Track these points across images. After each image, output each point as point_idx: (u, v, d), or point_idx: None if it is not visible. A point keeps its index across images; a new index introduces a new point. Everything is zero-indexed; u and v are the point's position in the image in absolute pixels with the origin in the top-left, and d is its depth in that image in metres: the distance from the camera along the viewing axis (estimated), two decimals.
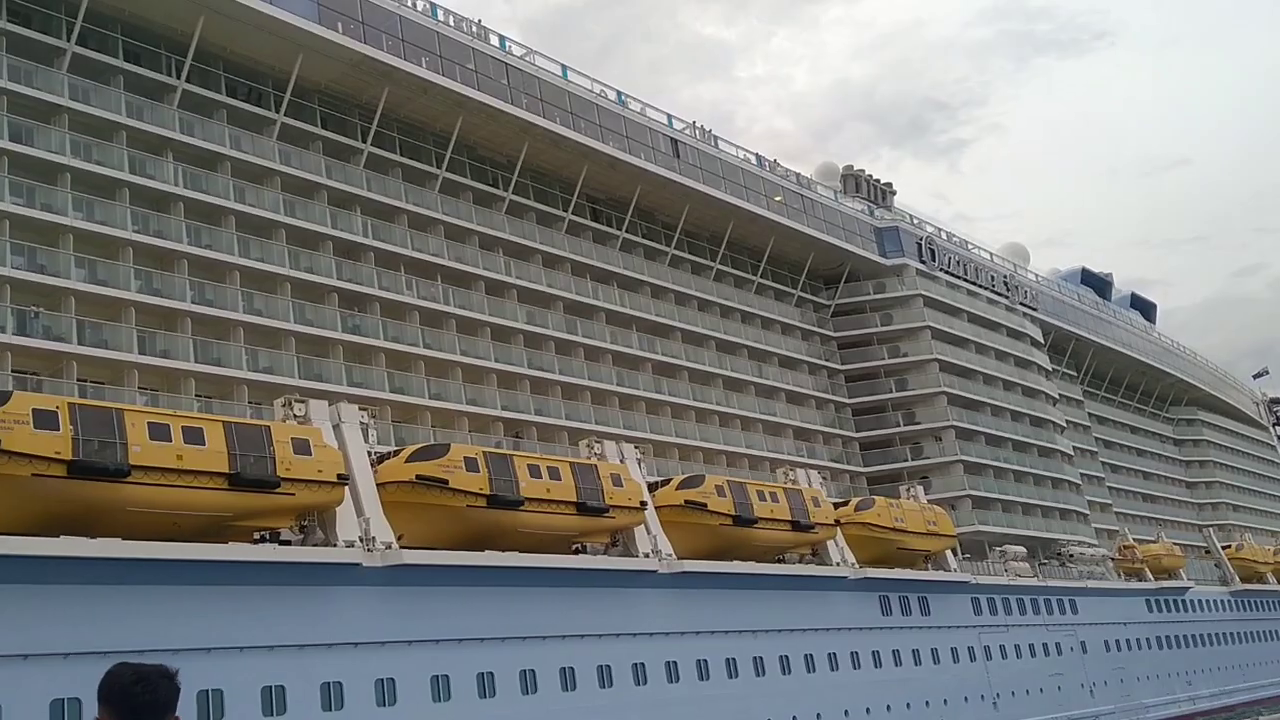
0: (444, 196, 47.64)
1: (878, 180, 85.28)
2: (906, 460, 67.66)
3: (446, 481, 35.03)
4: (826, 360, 67.98)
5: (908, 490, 60.84)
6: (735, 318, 61.93)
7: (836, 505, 54.67)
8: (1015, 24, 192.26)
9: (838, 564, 51.51)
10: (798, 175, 66.62)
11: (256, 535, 31.99)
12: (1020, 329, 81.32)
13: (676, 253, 59.00)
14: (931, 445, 68.70)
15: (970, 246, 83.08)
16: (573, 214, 53.13)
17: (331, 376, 40.45)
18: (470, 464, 36.13)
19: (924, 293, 71.24)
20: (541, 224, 52.08)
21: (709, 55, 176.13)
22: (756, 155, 63.87)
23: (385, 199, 45.08)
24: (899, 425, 68.42)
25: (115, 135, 37.02)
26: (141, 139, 37.80)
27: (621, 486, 41.43)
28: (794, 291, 66.83)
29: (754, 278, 63.88)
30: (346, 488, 32.64)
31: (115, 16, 37.66)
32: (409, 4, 45.36)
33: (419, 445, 36.75)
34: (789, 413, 62.81)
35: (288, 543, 32.58)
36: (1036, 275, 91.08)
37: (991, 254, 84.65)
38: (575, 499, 39.23)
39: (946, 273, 75.23)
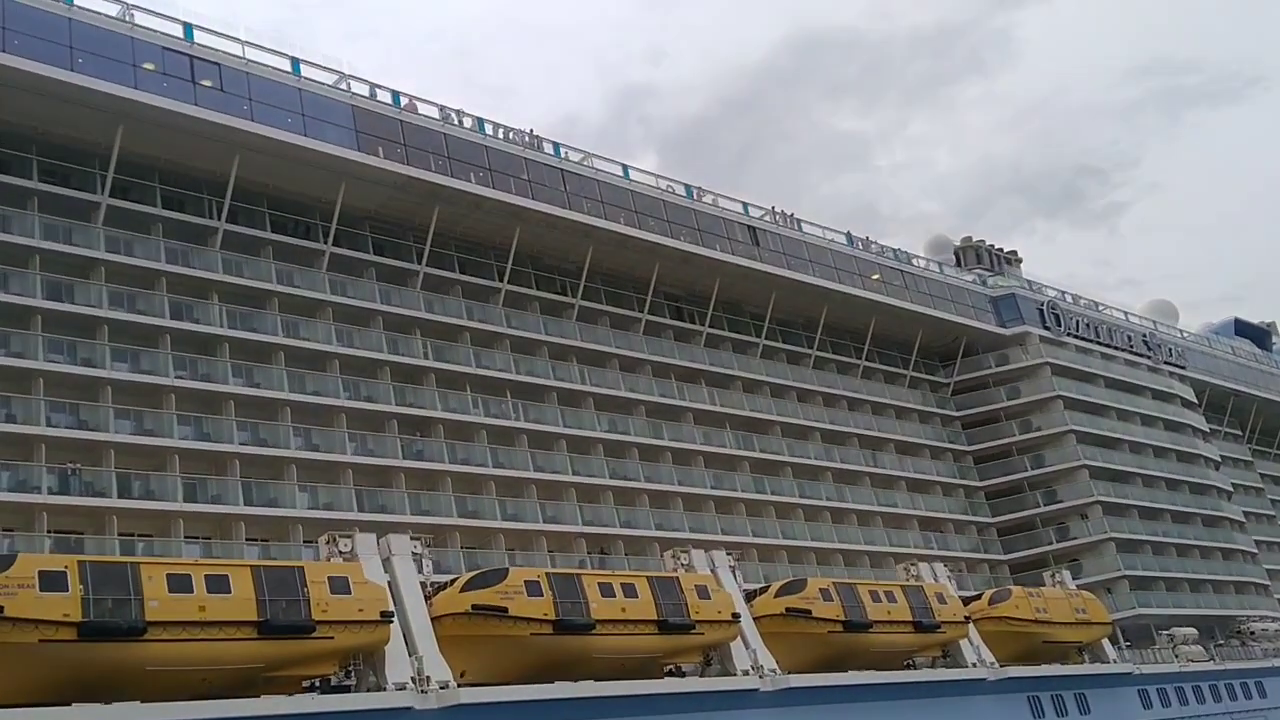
0: (510, 310, 46.27)
1: (999, 249, 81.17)
2: (1051, 543, 62.20)
3: (506, 610, 32.63)
4: (950, 442, 63.52)
5: (1052, 576, 55.61)
6: (841, 405, 58.41)
7: (968, 600, 50.10)
8: (1162, 80, 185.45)
9: (973, 664, 46.70)
10: (895, 251, 63.25)
11: (305, 684, 30.07)
12: (1168, 390, 75.08)
13: (769, 343, 56.16)
14: (1078, 524, 63.03)
15: (1102, 308, 77.67)
16: (649, 314, 51.06)
17: (395, 507, 38.82)
18: (532, 588, 33.60)
19: (1050, 360, 66.33)
20: (616, 328, 50.12)
21: (847, 148, 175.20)
22: (847, 234, 60.92)
23: (446, 318, 43.94)
24: (1039, 506, 63.04)
25: (156, 283, 36.83)
26: (184, 284, 37.56)
27: (709, 599, 38.24)
28: (905, 372, 62.94)
29: (859, 361, 60.38)
30: (392, 625, 30.56)
31: (151, 165, 37.77)
32: (455, 122, 44.62)
33: (476, 572, 34.44)
34: (912, 502, 58.53)
35: (345, 688, 30.62)
36: (1182, 331, 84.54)
37: (1126, 314, 78.83)
38: (655, 617, 36.21)
39: (1075, 337, 70.09)
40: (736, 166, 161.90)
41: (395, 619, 30.52)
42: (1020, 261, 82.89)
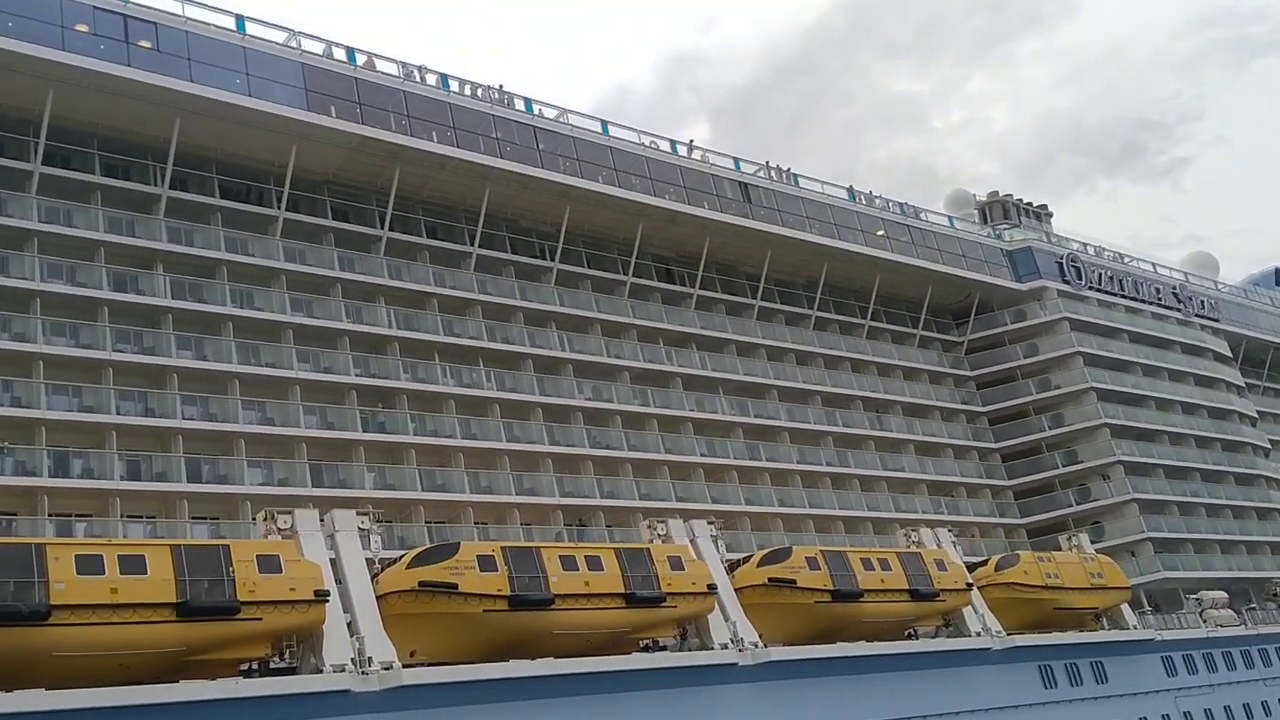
0: (483, 275, 44.50)
1: (1028, 203, 78.05)
2: (1071, 505, 59.54)
3: (456, 586, 30.98)
4: (964, 403, 61.03)
5: (1069, 539, 53.08)
6: (844, 367, 56.10)
7: (975, 566, 47.84)
8: (1227, 30, 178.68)
9: (978, 633, 44.42)
10: (902, 205, 60.56)
11: (242, 668, 28.67)
12: (1199, 343, 71.84)
13: (765, 304, 53.95)
14: (1099, 486, 60.32)
15: (1129, 260, 74.41)
16: (635, 276, 49.06)
17: (355, 482, 37.31)
18: (485, 563, 31.79)
19: (1069, 315, 63.45)
20: (599, 291, 48.23)
21: (903, 109, 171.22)
22: (849, 189, 58.39)
23: (412, 285, 42.27)
24: (1058, 467, 60.35)
25: (95, 254, 35.58)
26: (126, 254, 36.25)
27: (683, 570, 36.36)
28: (915, 331, 60.45)
29: (863, 321, 57.96)
30: (330, 605, 28.88)
31: (89, 131, 36.36)
32: (417, 79, 42.77)
33: (425, 547, 32.90)
34: (920, 466, 56.21)
35: (289, 671, 29.20)
36: (1216, 283, 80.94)
37: (1155, 266, 75.43)
38: (622, 590, 34.39)
39: (1097, 290, 67.08)
40: (790, 133, 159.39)
41: (331, 598, 28.85)
42: (1051, 216, 79.74)
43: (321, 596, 28.64)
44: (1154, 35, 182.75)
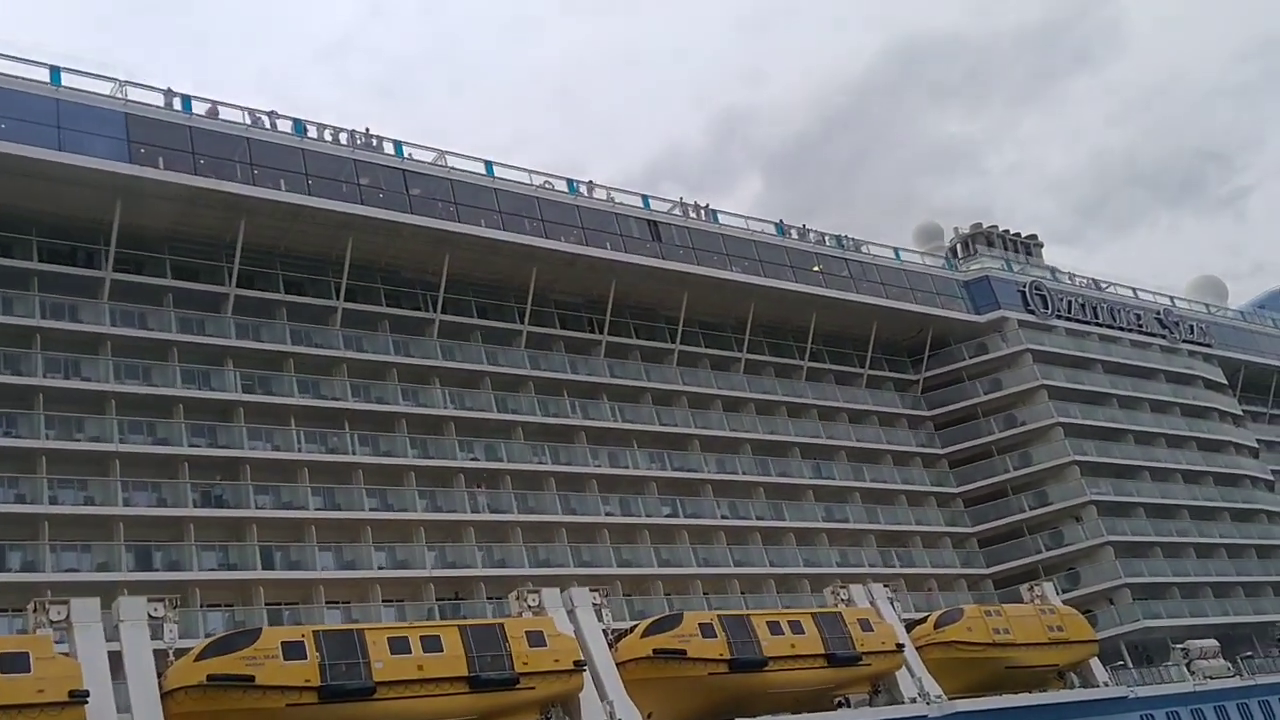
0: (353, 331, 41.40)
1: (1015, 234, 74.31)
2: (1041, 552, 54.87)
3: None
4: (921, 446, 56.77)
5: (1030, 589, 48.53)
6: (780, 413, 52.26)
7: (913, 624, 43.53)
8: (1278, 58, 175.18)
9: (912, 699, 40.00)
10: (841, 238, 56.88)
11: None
12: (1186, 371, 67.15)
13: (687, 348, 50.31)
14: (1072, 529, 55.62)
15: (1105, 286, 70.04)
16: (531, 325, 45.70)
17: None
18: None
19: (1032, 346, 59.25)
20: (494, 342, 44.93)
21: (956, 153, 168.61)
22: (778, 223, 54.87)
23: (264, 345, 39.29)
24: (1025, 510, 55.82)
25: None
26: None
27: (545, 646, 32.55)
28: (862, 371, 56.46)
29: (801, 362, 54.12)
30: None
31: None
32: (266, 125, 40.02)
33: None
34: (870, 515, 51.97)
35: None
36: (1208, 306, 76.18)
37: (1136, 290, 70.91)
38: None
39: (1066, 319, 62.79)
40: (843, 182, 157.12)
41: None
42: (1041, 246, 75.88)
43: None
44: (1207, 66, 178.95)
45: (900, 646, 40.43)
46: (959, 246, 69.19)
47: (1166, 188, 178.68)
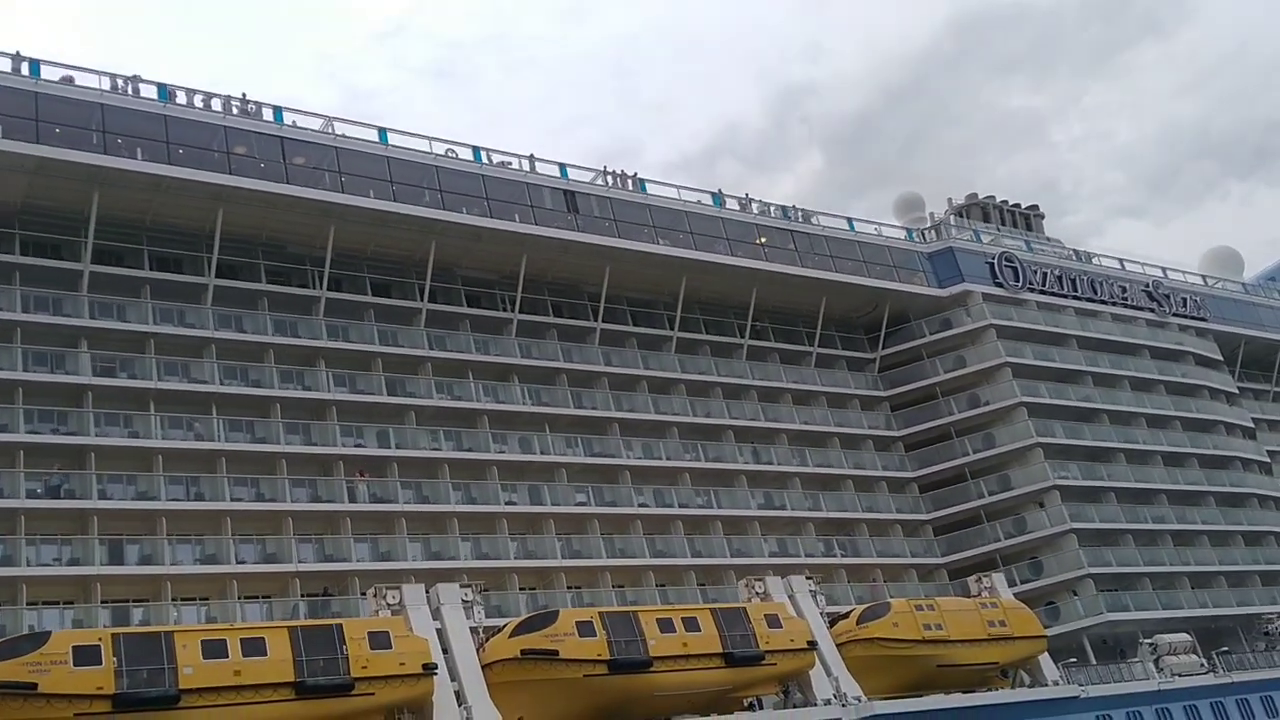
0: (225, 309, 38.89)
1: (1015, 205, 70.75)
2: (999, 540, 51.43)
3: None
4: (874, 428, 53.42)
5: (978, 581, 45.35)
6: (715, 394, 49.19)
7: (835, 619, 40.52)
8: None
9: (826, 701, 37.05)
10: (786, 209, 53.58)
11: None
12: (1175, 346, 63.13)
13: (610, 326, 47.35)
14: (1035, 515, 52.09)
15: (1096, 259, 66.16)
16: (433, 303, 43.00)
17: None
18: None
19: (996, 322, 55.63)
20: (388, 321, 42.30)
21: (1021, 126, 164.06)
22: (715, 193, 51.64)
23: (132, 326, 36.90)
24: (984, 496, 52.37)
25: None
26: None
27: (390, 649, 29.91)
28: (810, 349, 53.21)
29: (741, 340, 50.96)
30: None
31: None
32: (127, 91, 37.50)
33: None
34: (812, 502, 48.85)
35: None
36: (1205, 278, 71.95)
37: (1123, 261, 66.90)
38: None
39: (1039, 292, 59.05)
40: (905, 156, 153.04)
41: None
42: (1042, 218, 72.22)
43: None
44: (1277, 34, 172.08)
45: (812, 644, 37.42)
46: (953, 218, 65.48)
47: (1238, 159, 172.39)
